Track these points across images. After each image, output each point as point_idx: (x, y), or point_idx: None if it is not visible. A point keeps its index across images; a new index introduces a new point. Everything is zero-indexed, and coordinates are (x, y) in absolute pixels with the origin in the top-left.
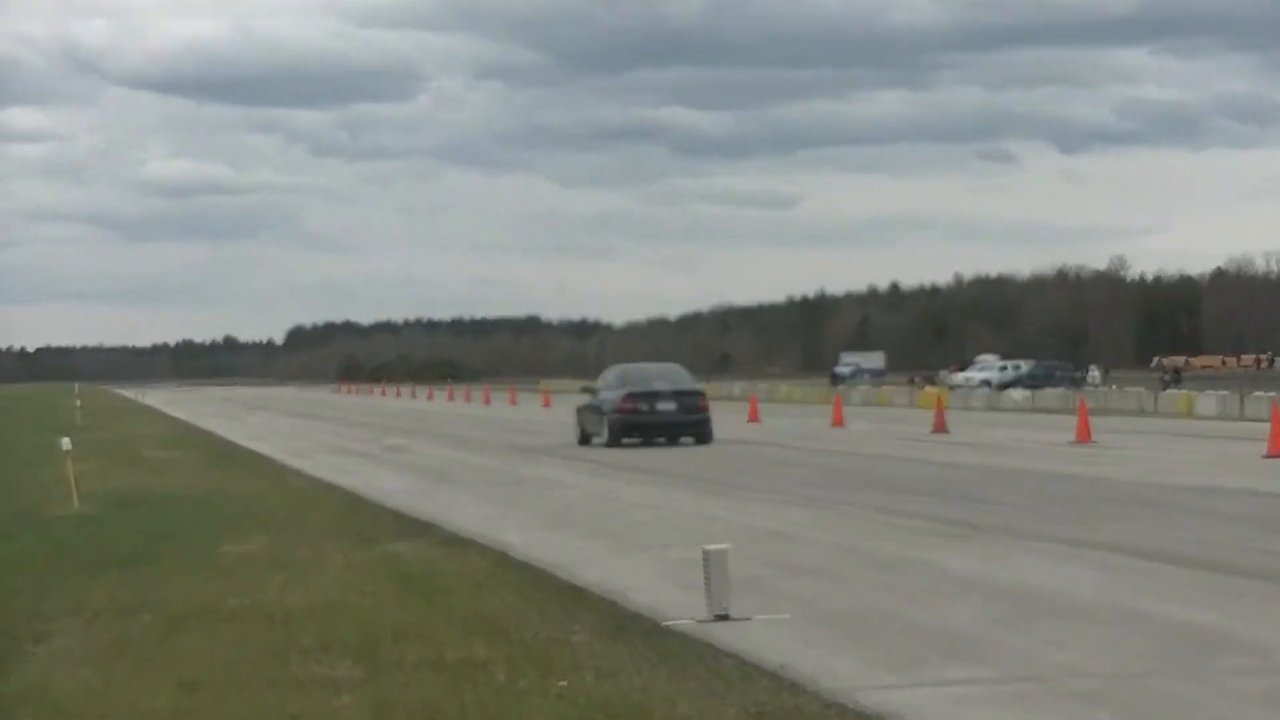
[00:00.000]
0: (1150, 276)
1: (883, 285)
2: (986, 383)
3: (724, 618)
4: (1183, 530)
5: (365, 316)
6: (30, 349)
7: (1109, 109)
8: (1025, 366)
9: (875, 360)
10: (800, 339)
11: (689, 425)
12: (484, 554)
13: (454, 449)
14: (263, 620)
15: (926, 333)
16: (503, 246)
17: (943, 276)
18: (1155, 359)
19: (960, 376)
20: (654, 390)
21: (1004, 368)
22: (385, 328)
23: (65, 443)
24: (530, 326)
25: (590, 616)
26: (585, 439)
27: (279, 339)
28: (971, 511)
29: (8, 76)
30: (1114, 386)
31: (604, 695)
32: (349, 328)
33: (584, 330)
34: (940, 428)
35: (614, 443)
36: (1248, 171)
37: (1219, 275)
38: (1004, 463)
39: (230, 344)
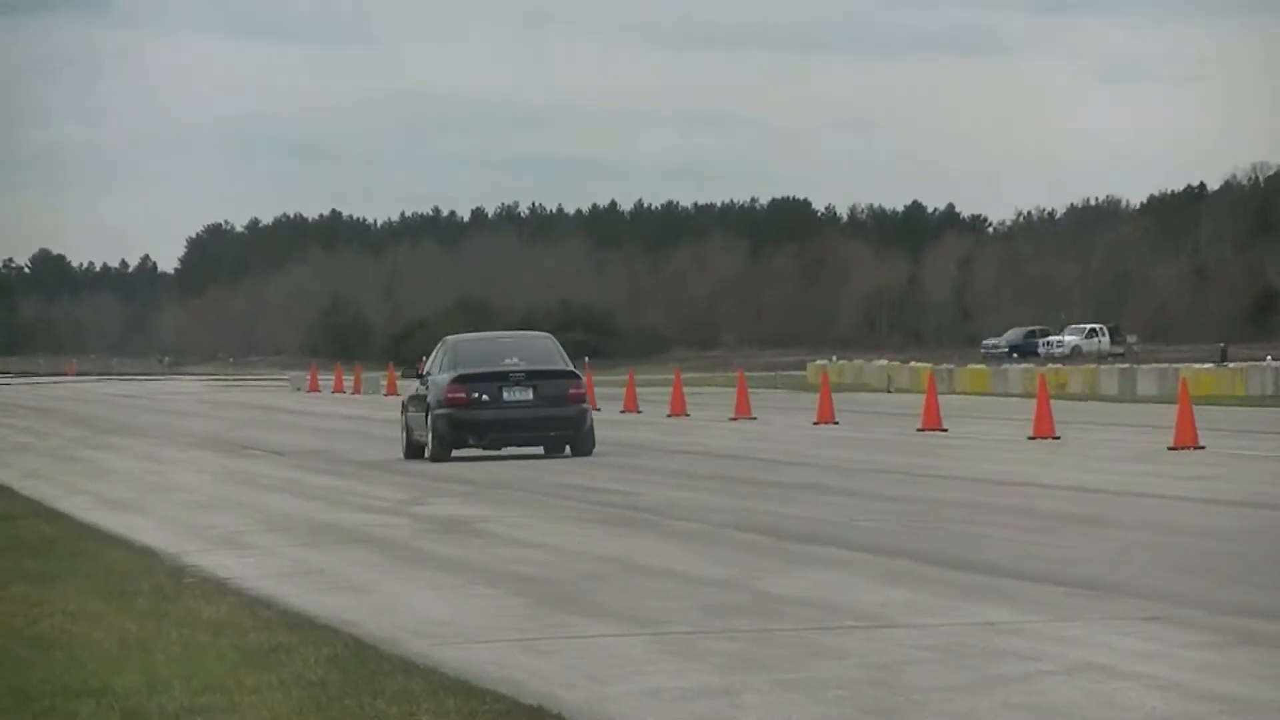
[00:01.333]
0: None
1: None
2: None
3: None
4: None
5: (380, 205)
6: None
7: None
8: None
9: None
10: None
11: (555, 423)
12: None
13: (616, 525)
14: None
15: None
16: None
17: None
18: None
19: None
20: (499, 370)
21: None
22: (454, 230)
23: None
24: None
25: None
26: (415, 450)
27: (167, 257)
28: None
29: None
30: None
31: None
32: (350, 227)
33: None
34: None
35: (442, 454)
36: None
37: None
38: None
39: (49, 266)
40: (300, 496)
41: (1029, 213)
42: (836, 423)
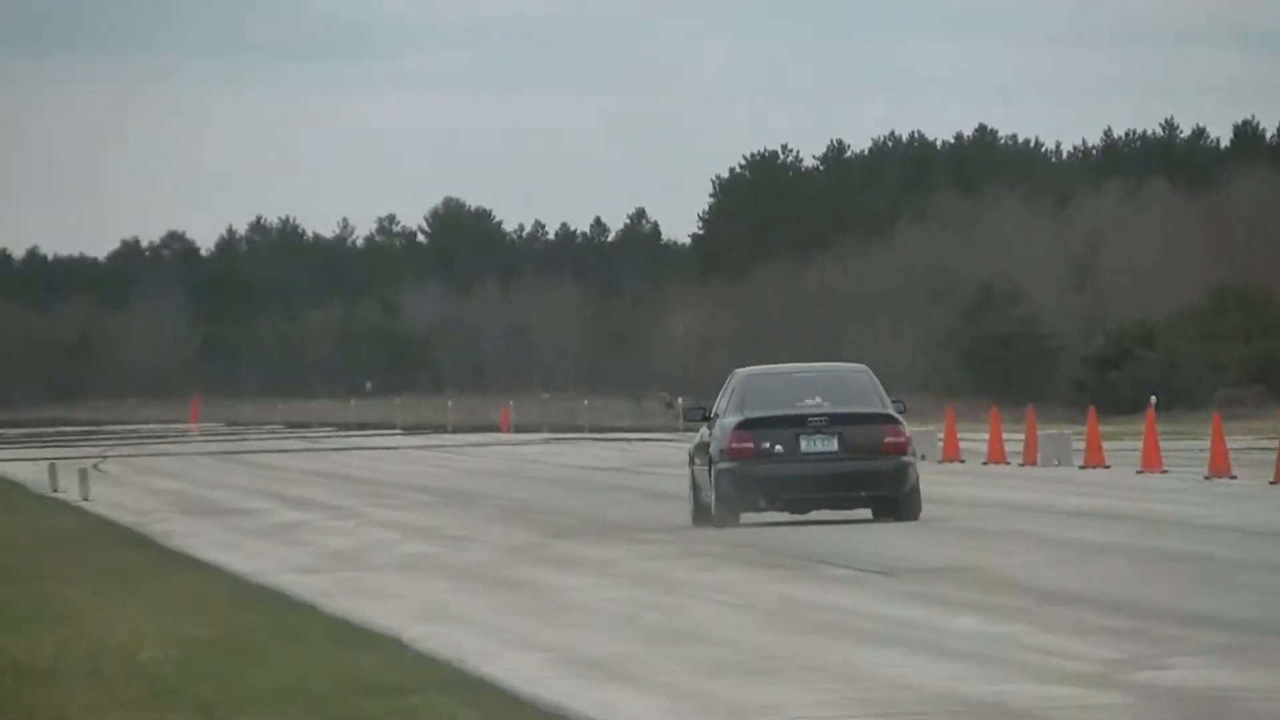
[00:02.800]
0: None
1: None
2: None
3: None
4: None
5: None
6: None
7: None
8: None
9: None
10: None
11: (865, 480)
12: None
13: None
14: None
15: None
16: None
17: None
18: None
19: None
20: (795, 413)
21: None
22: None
23: None
24: None
25: None
26: (703, 513)
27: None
28: None
29: None
30: None
31: None
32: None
33: None
34: None
35: (727, 519)
36: None
37: None
38: None
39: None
40: (924, 651)
41: None
42: None
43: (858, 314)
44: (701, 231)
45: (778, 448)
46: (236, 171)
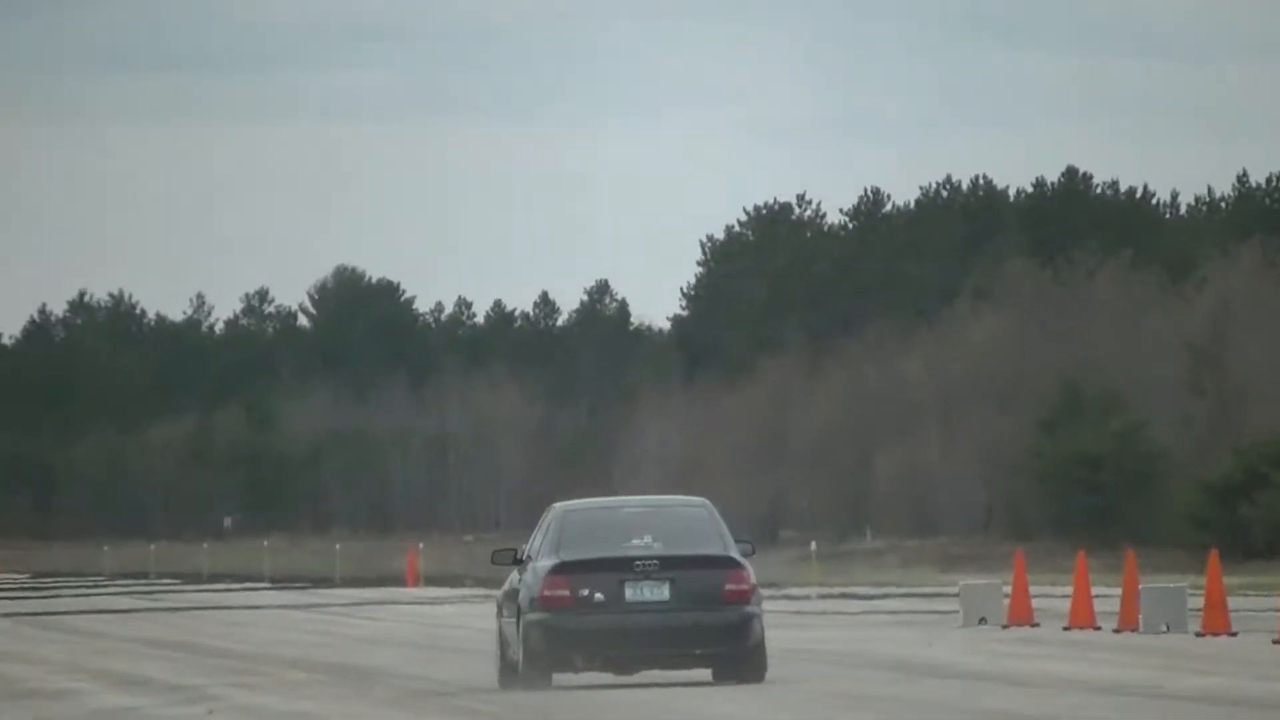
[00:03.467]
0: None
1: None
2: None
3: None
4: None
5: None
6: None
7: None
8: None
9: None
10: None
11: (702, 635)
12: None
13: None
14: None
15: None
16: None
17: None
18: None
19: None
20: (620, 556)
21: None
22: None
23: None
24: None
25: None
26: (510, 671)
27: None
28: None
29: None
30: None
31: None
32: None
33: None
34: None
35: (536, 679)
36: None
37: None
38: None
39: None
40: None
41: None
42: None
43: (897, 425)
44: (685, 313)
45: (598, 596)
46: (51, 231)
